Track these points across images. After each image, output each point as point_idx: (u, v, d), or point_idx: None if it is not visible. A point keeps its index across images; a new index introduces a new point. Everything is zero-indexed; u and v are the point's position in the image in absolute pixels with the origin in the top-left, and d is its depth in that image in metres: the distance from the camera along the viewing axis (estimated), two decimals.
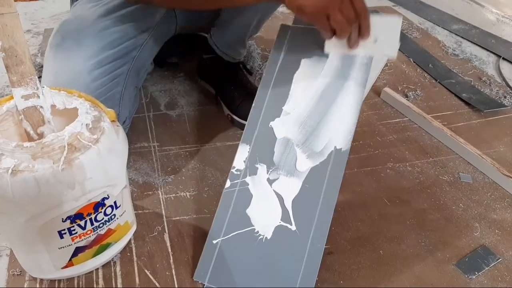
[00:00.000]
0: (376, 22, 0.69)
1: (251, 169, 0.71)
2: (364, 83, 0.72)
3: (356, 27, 0.69)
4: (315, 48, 0.75)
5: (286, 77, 0.75)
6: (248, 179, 0.70)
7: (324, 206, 0.67)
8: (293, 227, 0.67)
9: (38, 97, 0.59)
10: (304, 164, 0.69)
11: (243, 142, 0.72)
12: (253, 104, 0.74)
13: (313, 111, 0.72)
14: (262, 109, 0.73)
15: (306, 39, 0.77)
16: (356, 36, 0.70)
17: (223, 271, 0.67)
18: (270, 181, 0.69)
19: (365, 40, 0.71)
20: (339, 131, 0.70)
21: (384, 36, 0.71)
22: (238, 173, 0.71)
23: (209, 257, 0.68)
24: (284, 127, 0.72)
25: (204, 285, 0.67)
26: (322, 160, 0.69)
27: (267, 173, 0.70)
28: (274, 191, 0.69)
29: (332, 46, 0.72)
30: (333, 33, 0.69)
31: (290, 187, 0.69)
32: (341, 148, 0.69)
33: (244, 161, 0.71)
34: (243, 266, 0.66)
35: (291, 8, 0.69)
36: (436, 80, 1.26)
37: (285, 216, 0.67)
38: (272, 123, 0.72)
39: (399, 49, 1.35)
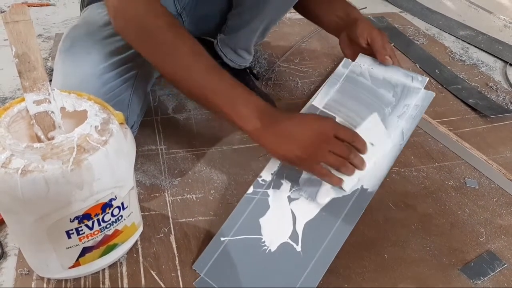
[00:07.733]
0: (363, 131, 0.70)
1: (276, 183, 0.72)
2: (405, 136, 0.73)
3: (354, 154, 0.66)
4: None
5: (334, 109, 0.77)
6: (270, 191, 0.72)
7: (334, 238, 0.67)
8: (299, 248, 0.68)
9: (50, 102, 0.60)
10: (327, 193, 0.70)
11: None
12: None
13: None
14: None
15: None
16: (360, 159, 0.68)
17: (221, 268, 0.68)
18: (290, 199, 0.71)
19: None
20: (371, 173, 0.70)
21: (374, 135, 0.72)
22: (263, 183, 0.72)
23: (213, 251, 0.69)
24: None
25: (200, 275, 0.68)
26: (346, 194, 0.69)
27: (289, 191, 0.71)
28: (291, 209, 0.70)
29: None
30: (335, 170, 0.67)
31: (307, 210, 0.70)
32: (367, 189, 0.70)
33: (272, 174, 0.73)
34: (241, 270, 0.68)
35: (274, 156, 0.69)
36: (443, 86, 1.26)
37: (294, 236, 0.68)
38: None
39: (405, 55, 1.38)
